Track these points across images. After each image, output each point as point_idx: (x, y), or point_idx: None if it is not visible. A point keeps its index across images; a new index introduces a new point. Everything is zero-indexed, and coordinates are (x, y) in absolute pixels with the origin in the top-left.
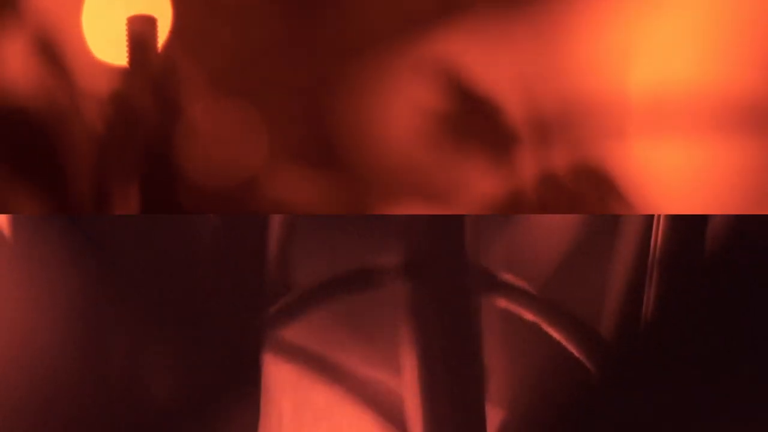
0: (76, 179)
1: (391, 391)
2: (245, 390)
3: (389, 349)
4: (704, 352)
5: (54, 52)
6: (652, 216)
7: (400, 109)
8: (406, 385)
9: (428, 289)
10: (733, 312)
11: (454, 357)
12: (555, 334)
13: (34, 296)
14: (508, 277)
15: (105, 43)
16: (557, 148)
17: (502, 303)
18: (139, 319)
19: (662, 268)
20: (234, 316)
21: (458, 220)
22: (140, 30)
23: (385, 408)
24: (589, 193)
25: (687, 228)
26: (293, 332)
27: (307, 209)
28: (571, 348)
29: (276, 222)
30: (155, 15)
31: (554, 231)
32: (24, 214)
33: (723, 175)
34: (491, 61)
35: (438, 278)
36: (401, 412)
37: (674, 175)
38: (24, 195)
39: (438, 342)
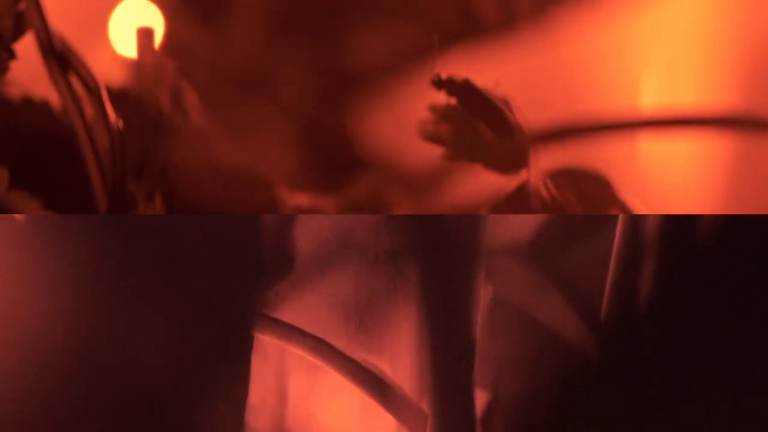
0: (92, 179)
1: (383, 373)
2: (236, 367)
3: (383, 334)
4: (690, 345)
5: (72, 52)
6: (647, 216)
7: (408, 117)
8: (401, 369)
9: (424, 279)
10: (724, 312)
11: (448, 343)
12: (546, 322)
13: (51, 280)
14: (502, 269)
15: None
16: (562, 152)
17: (495, 292)
18: (142, 304)
19: (656, 267)
20: (229, 300)
21: (458, 218)
22: (142, 42)
23: (377, 390)
24: (589, 195)
25: (681, 227)
26: (289, 316)
27: None
28: (561, 336)
29: (275, 219)
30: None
31: (553, 230)
32: (35, 214)
33: (715, 178)
34: (502, 74)
35: (434, 269)
36: (393, 395)
37: (670, 178)
38: (34, 195)
39: (432, 328)
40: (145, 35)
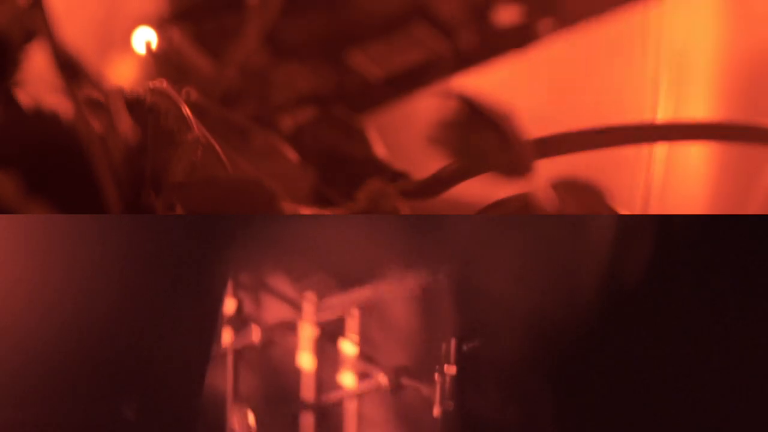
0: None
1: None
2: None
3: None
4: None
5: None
6: (643, 216)
7: (413, 128)
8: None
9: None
10: (714, 312)
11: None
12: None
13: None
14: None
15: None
16: (562, 161)
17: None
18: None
19: (647, 264)
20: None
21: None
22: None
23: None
24: (585, 205)
25: (674, 227)
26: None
27: None
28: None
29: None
30: None
31: (551, 229)
32: (42, 215)
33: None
34: (507, 86)
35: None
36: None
37: (664, 181)
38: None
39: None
40: (154, 54)
